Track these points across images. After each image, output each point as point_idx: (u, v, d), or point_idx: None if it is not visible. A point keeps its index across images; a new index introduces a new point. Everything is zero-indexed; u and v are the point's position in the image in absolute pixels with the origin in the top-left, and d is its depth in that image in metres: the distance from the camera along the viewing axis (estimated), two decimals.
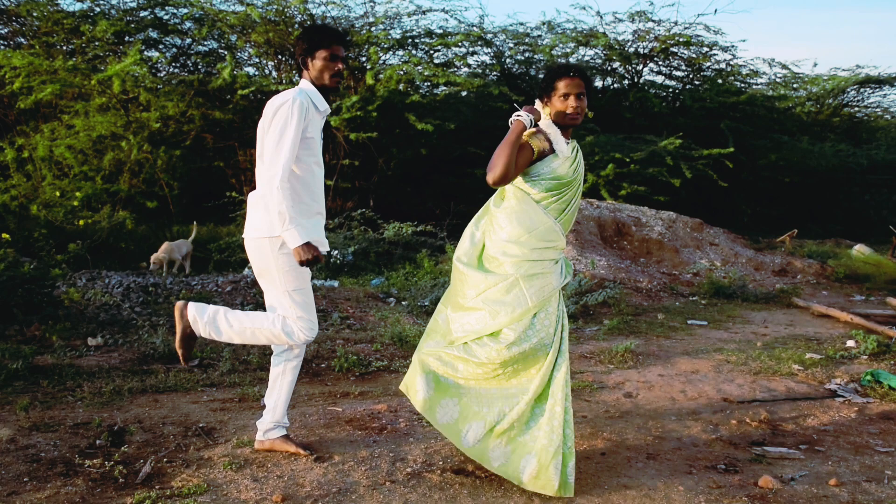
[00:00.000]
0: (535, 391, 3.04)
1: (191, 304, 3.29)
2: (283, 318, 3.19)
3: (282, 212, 3.00)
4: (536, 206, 3.11)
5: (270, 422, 3.36)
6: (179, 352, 3.33)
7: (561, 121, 3.09)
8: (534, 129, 3.12)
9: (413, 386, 3.17)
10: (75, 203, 9.52)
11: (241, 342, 3.26)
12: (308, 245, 3.02)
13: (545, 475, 2.93)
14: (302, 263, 3.03)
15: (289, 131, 3.04)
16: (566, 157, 3.11)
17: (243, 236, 3.28)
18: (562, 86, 3.05)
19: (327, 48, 3.18)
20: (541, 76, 14.97)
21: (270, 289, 3.23)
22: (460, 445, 3.05)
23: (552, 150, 3.10)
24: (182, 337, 3.29)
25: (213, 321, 3.24)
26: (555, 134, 3.10)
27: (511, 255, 3.07)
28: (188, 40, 12.79)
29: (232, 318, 3.23)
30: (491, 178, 2.97)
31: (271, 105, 3.10)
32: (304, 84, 3.23)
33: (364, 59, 12.19)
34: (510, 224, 3.10)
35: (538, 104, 3.17)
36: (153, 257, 8.23)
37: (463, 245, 3.23)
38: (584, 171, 3.27)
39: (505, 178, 2.97)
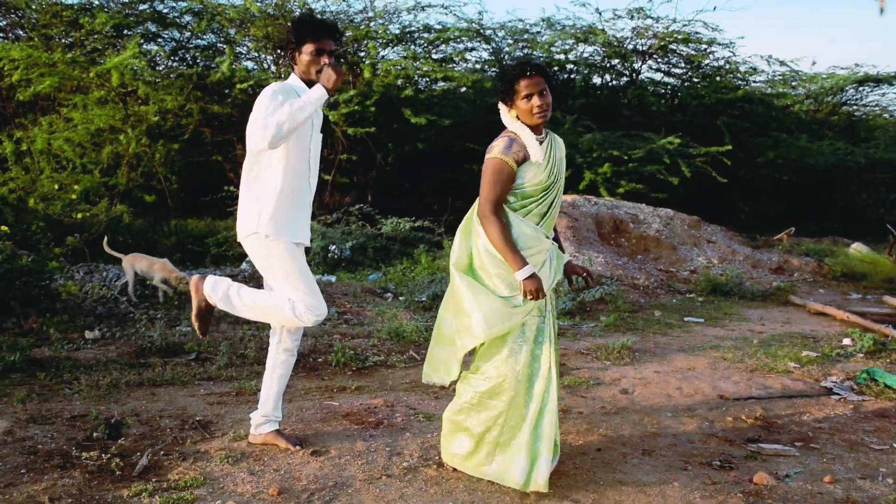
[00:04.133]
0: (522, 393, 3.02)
1: (207, 279, 3.31)
2: (293, 301, 3.16)
3: (299, 108, 2.96)
4: (514, 216, 3.02)
5: (261, 416, 3.37)
6: (196, 324, 3.34)
7: (529, 121, 3.00)
8: (506, 141, 3.00)
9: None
10: (73, 196, 9.50)
11: (254, 318, 3.29)
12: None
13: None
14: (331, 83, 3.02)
15: (273, 105, 3.00)
16: (540, 164, 3.01)
17: (238, 239, 3.31)
18: (522, 87, 2.96)
19: (314, 42, 3.12)
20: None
21: (272, 279, 3.23)
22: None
23: (526, 157, 3.00)
24: (198, 311, 3.31)
25: (226, 297, 3.26)
26: (528, 138, 2.99)
27: (495, 269, 3.00)
28: (187, 34, 12.77)
29: (245, 294, 3.25)
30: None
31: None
32: (292, 79, 3.20)
33: (362, 53, 12.17)
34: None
35: (502, 108, 3.07)
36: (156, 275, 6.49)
37: (455, 252, 3.16)
38: (564, 166, 3.15)
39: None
